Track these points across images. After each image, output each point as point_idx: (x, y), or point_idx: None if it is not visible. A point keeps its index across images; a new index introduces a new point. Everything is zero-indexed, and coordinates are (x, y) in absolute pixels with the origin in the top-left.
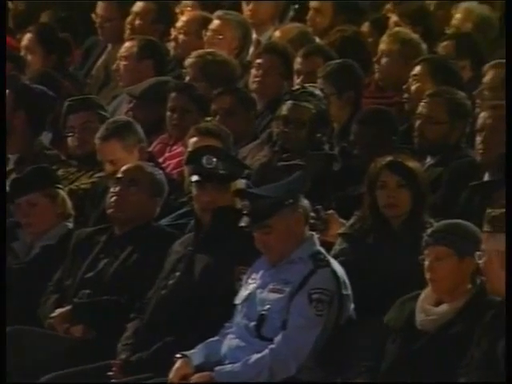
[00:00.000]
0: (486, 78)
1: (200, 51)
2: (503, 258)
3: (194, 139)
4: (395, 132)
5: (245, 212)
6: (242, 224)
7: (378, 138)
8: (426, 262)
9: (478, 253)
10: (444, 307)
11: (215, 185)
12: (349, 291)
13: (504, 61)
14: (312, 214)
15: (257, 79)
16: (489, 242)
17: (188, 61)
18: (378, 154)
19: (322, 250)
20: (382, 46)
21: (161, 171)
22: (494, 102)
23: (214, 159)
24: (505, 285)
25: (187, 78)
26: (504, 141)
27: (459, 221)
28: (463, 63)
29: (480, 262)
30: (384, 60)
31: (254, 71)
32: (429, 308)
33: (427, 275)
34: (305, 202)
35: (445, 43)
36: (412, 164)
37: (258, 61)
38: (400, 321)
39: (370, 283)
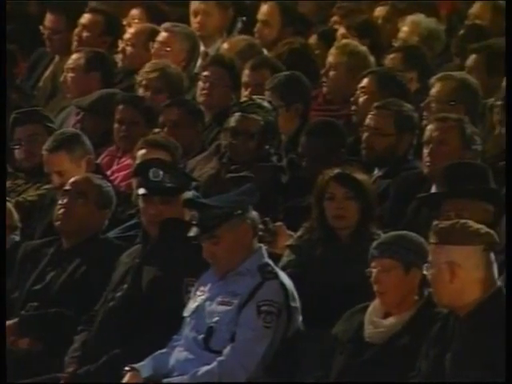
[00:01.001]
0: (433, 91)
1: (157, 62)
2: (451, 269)
3: (142, 151)
4: (343, 144)
5: (193, 222)
6: (191, 234)
7: (326, 150)
8: (373, 274)
9: (425, 265)
10: (391, 320)
11: (162, 198)
12: (297, 303)
13: (451, 73)
14: (260, 226)
15: (204, 91)
16: (436, 254)
17: (147, 73)
18: (325, 165)
19: (271, 261)
20: (330, 59)
21: (109, 183)
22: (440, 115)
23: (161, 172)
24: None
25: (141, 91)
26: (450, 153)
27: (405, 232)
28: (410, 75)
29: (427, 273)
30: (332, 73)
31: (201, 83)
32: (377, 320)
33: (374, 287)
34: (254, 214)
35: (392, 55)
36: (360, 176)
37: (205, 73)
38: (348, 333)
39: (318, 295)
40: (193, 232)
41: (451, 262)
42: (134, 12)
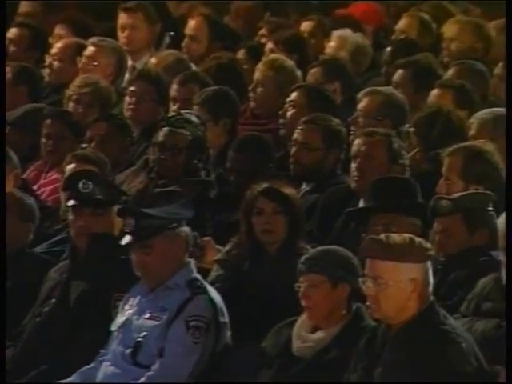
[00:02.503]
0: (361, 105)
1: (88, 77)
2: (385, 283)
3: (71, 166)
4: (271, 158)
5: (127, 230)
6: (123, 243)
7: (254, 165)
8: (301, 289)
9: (360, 279)
10: (320, 334)
11: (91, 210)
12: (226, 318)
13: (378, 88)
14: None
15: (131, 106)
16: (370, 268)
17: (78, 87)
18: (253, 180)
19: (200, 276)
20: (257, 74)
21: (31, 197)
22: (368, 129)
23: (91, 184)
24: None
25: (71, 105)
26: (377, 167)
27: (333, 247)
28: (333, 86)
29: (363, 287)
30: (259, 88)
31: (127, 98)
32: (305, 335)
33: (302, 302)
34: (187, 229)
35: (313, 70)
36: (288, 190)
37: (131, 88)
38: (276, 347)
39: (246, 309)
40: (125, 240)
41: (386, 276)
42: (59, 27)
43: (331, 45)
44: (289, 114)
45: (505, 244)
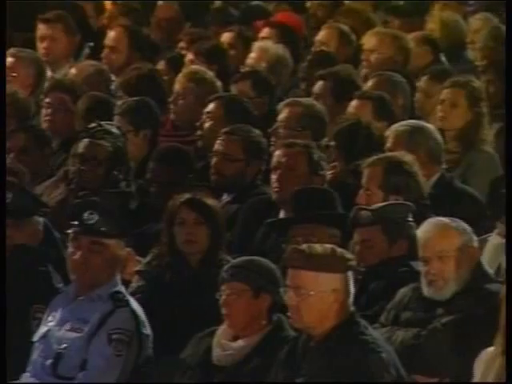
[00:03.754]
0: (281, 116)
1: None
2: (303, 293)
3: None
4: (191, 169)
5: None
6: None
7: (175, 176)
8: (222, 297)
9: (281, 289)
10: (240, 342)
11: (11, 221)
12: (148, 330)
13: (298, 99)
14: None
15: (47, 117)
16: (292, 279)
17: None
18: (174, 191)
19: (123, 289)
20: (177, 86)
21: None
22: (288, 141)
23: (10, 195)
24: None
25: None
26: (298, 178)
27: (255, 257)
28: (260, 100)
29: (284, 298)
30: (180, 100)
31: (43, 110)
32: (225, 343)
33: (223, 310)
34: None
35: (241, 82)
36: (210, 201)
37: (47, 99)
38: (197, 356)
39: (167, 320)
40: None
41: (308, 287)
42: None
43: (252, 56)
44: (206, 125)
45: (425, 254)
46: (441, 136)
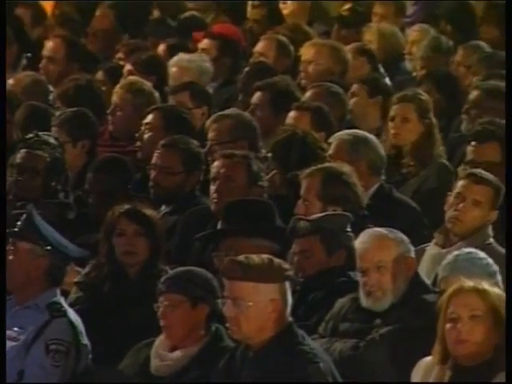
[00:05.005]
0: (211, 135)
1: None
2: (241, 304)
3: None
4: (130, 180)
5: None
6: None
7: (113, 187)
8: (160, 309)
9: (219, 300)
10: (178, 353)
11: None
12: (86, 340)
13: (226, 112)
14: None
15: None
16: (229, 290)
17: None
18: (113, 202)
19: (61, 299)
20: (115, 97)
21: None
22: (227, 151)
23: None
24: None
25: None
26: (237, 189)
27: (192, 268)
28: (201, 111)
29: (222, 308)
30: (118, 111)
31: None
32: (163, 353)
33: (161, 322)
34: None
35: (179, 93)
36: (149, 212)
37: None
38: (135, 367)
39: (106, 331)
40: None
41: (246, 297)
42: None
43: (173, 70)
44: (146, 136)
45: (363, 265)
46: (397, 151)
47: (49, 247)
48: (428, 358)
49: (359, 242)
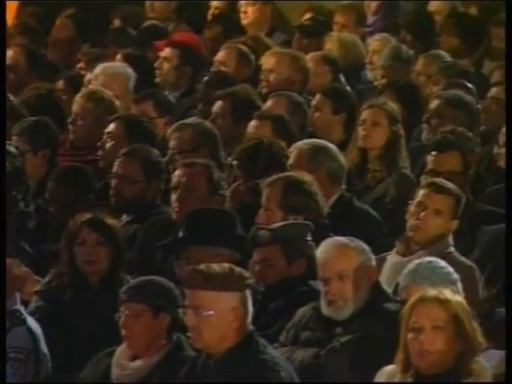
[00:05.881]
0: (172, 143)
1: None
2: (203, 313)
3: None
4: (91, 189)
5: None
6: None
7: (74, 196)
8: (122, 319)
9: (180, 309)
10: (139, 362)
11: None
12: (45, 349)
13: (186, 121)
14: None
15: None
16: (190, 299)
17: None
18: (74, 211)
19: (21, 308)
20: (76, 107)
21: None
22: (188, 160)
23: None
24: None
25: None
26: (198, 198)
27: (154, 277)
28: (163, 120)
29: (184, 318)
30: (78, 120)
31: None
32: (124, 363)
33: (122, 331)
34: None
35: (142, 103)
36: (110, 221)
37: None
38: (96, 376)
39: (67, 340)
40: None
41: (208, 306)
42: None
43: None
44: (108, 145)
45: (324, 274)
46: (363, 156)
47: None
48: (390, 367)
49: (321, 251)
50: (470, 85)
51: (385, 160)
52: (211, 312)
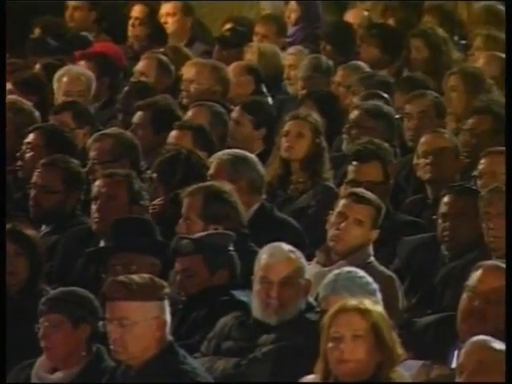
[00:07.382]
0: (92, 154)
1: None
2: (127, 324)
3: None
4: (10, 200)
5: None
6: None
7: None
8: (41, 330)
9: (100, 322)
10: (59, 374)
11: None
12: None
13: (107, 131)
14: None
15: None
16: (110, 310)
17: None
18: None
19: None
20: None
21: None
22: (108, 171)
23: None
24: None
25: None
26: (118, 208)
27: (74, 288)
28: (83, 131)
29: (105, 329)
30: None
31: None
32: (44, 375)
33: (42, 343)
34: None
35: (61, 114)
36: (29, 232)
37: None
38: None
39: None
40: None
41: (132, 317)
42: None
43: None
44: (27, 155)
45: (269, 277)
46: (286, 167)
47: None
48: (310, 376)
49: (267, 255)
50: (386, 95)
51: (308, 171)
52: (135, 322)
